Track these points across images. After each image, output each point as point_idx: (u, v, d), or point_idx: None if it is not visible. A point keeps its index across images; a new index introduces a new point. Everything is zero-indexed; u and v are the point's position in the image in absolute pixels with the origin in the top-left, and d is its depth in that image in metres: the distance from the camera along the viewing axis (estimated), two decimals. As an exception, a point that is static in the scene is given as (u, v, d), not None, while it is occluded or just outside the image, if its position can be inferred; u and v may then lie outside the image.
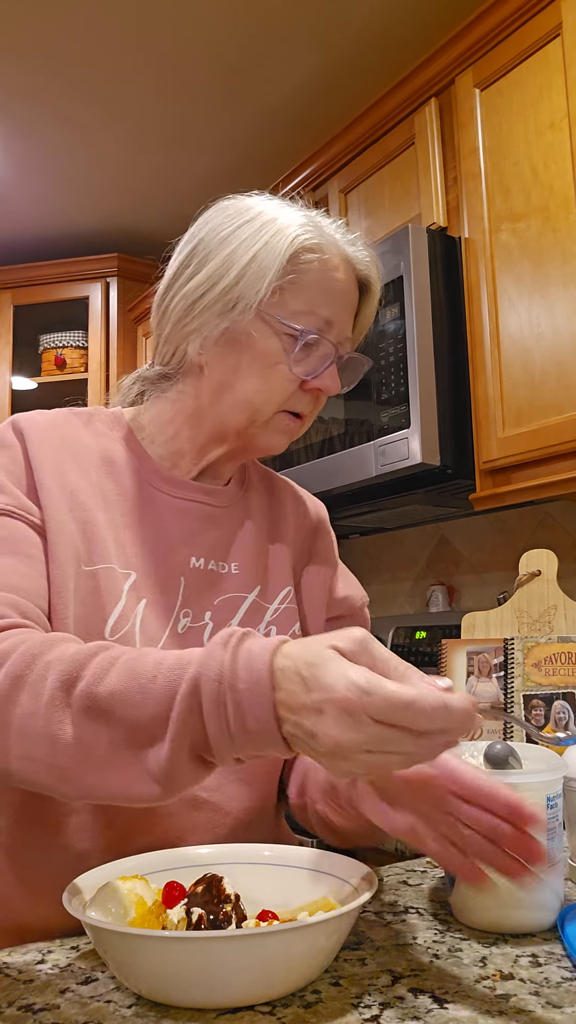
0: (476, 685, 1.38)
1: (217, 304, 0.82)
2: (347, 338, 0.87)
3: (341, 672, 0.52)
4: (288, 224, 0.83)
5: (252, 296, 0.81)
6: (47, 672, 0.62)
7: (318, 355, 0.84)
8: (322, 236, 0.84)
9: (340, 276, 0.84)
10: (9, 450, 0.83)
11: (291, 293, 0.82)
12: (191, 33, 2.10)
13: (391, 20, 2.06)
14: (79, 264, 3.08)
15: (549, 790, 0.72)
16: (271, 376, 0.83)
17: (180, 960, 0.56)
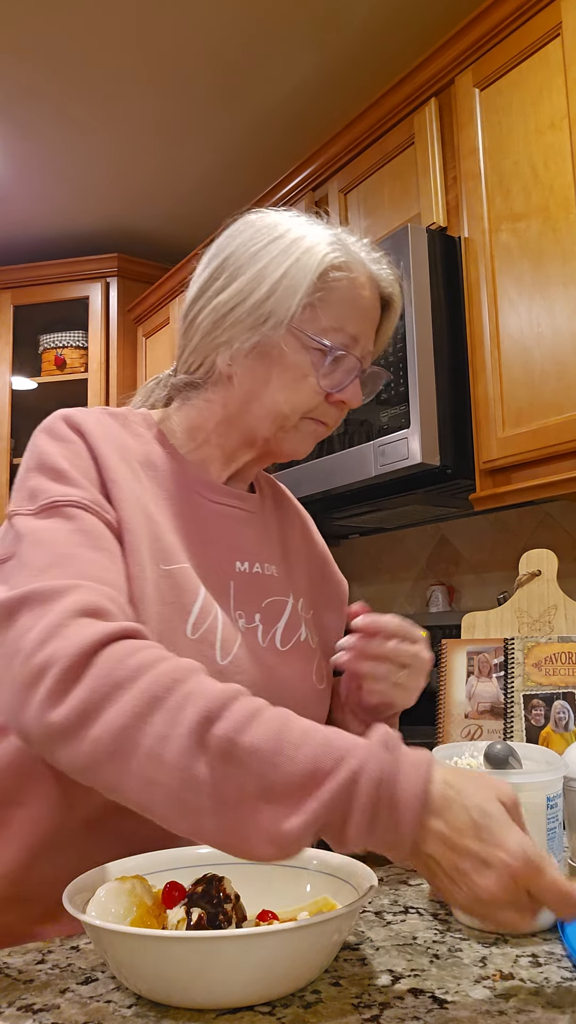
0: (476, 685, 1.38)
1: (248, 318, 0.84)
2: (369, 352, 0.90)
3: (519, 841, 0.56)
4: (317, 242, 0.85)
5: (284, 312, 0.83)
6: (186, 703, 0.61)
7: (343, 369, 0.87)
8: (349, 255, 0.86)
9: (366, 294, 0.87)
10: (72, 444, 0.82)
11: (321, 309, 0.85)
12: (191, 33, 2.10)
13: (390, 20, 2.06)
14: (79, 264, 3.08)
15: (549, 790, 0.72)
16: (300, 388, 0.86)
17: (180, 960, 0.56)
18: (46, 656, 0.64)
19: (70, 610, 0.66)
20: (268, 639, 0.88)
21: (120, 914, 0.63)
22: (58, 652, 0.64)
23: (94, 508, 0.78)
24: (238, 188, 2.69)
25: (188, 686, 0.62)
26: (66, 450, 0.81)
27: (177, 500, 0.87)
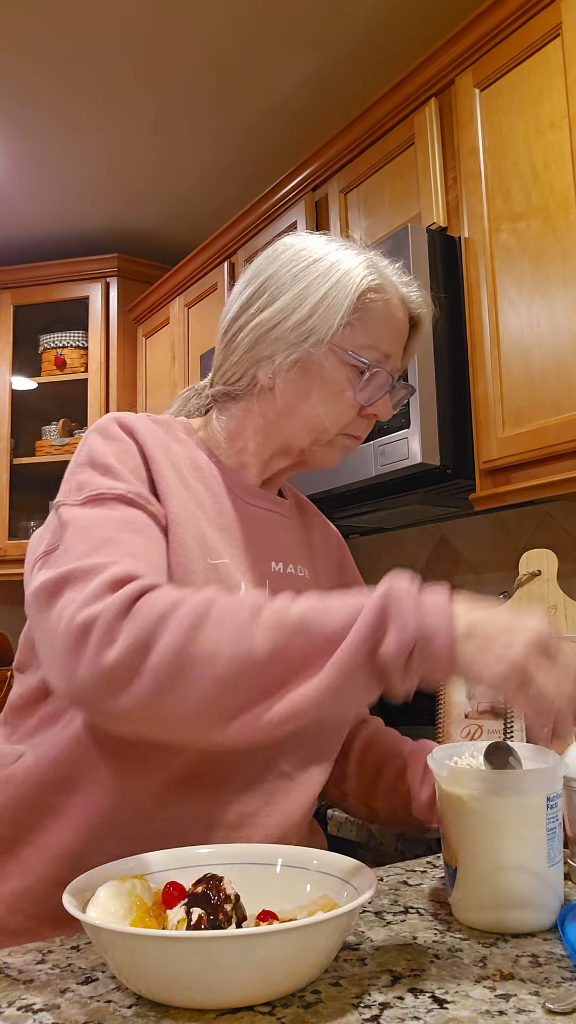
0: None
1: (291, 335, 0.90)
2: (397, 368, 0.97)
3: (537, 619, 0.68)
4: (355, 266, 0.92)
5: (325, 330, 0.90)
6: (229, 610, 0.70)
7: (376, 384, 0.93)
8: (384, 278, 0.93)
9: (399, 315, 0.95)
10: (122, 443, 0.87)
11: (358, 329, 0.91)
12: (190, 34, 2.10)
13: (390, 19, 2.06)
14: (79, 264, 3.08)
15: (549, 790, 0.72)
16: (337, 402, 0.92)
17: (180, 960, 0.56)
18: (88, 615, 0.69)
19: (109, 580, 0.71)
20: None
21: (120, 914, 0.63)
22: (101, 610, 0.69)
23: (139, 501, 0.83)
24: (238, 188, 2.69)
25: (225, 601, 0.70)
26: (116, 448, 0.86)
27: (219, 501, 0.94)
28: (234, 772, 0.85)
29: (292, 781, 0.90)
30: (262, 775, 0.87)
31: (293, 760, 0.90)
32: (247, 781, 0.86)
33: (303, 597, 0.71)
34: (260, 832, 0.86)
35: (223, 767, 0.85)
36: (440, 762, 0.77)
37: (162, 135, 2.53)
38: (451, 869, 0.75)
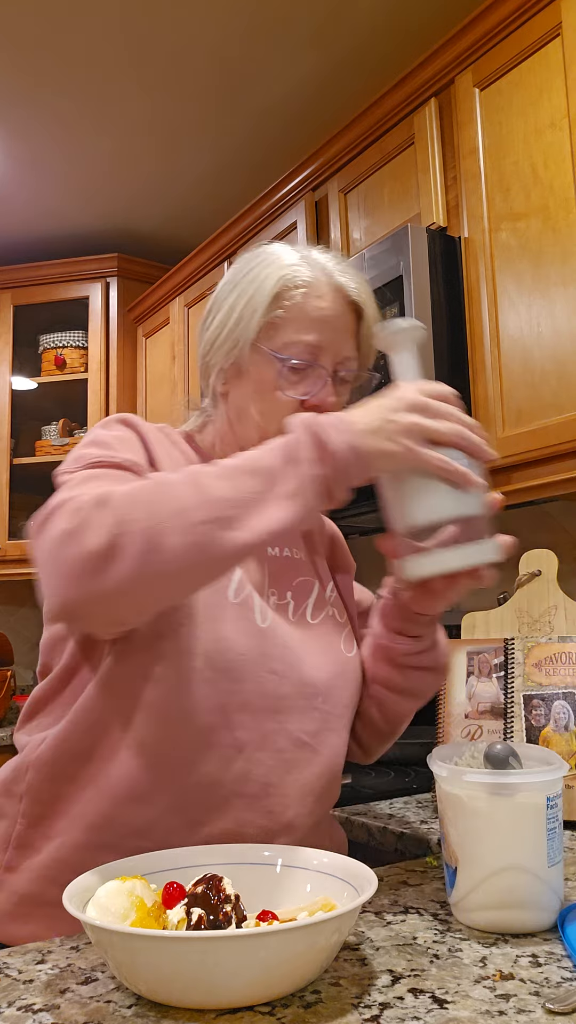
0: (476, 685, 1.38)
1: (226, 343, 0.97)
2: (347, 357, 0.97)
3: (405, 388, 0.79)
4: (278, 267, 0.96)
5: (248, 334, 0.95)
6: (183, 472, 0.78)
7: (312, 377, 0.95)
8: (308, 272, 0.96)
9: (325, 304, 0.95)
10: (125, 431, 0.94)
11: (280, 327, 0.95)
12: (190, 33, 2.10)
13: (390, 19, 2.06)
14: (79, 264, 3.08)
15: (549, 790, 0.72)
16: (272, 400, 0.95)
17: (180, 960, 0.56)
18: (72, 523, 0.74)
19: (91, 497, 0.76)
20: (299, 614, 0.97)
21: (120, 914, 0.63)
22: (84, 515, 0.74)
23: (136, 468, 0.87)
24: (238, 188, 2.69)
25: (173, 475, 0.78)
26: (119, 433, 0.94)
27: None
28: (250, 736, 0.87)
29: (313, 752, 0.91)
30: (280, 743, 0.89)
31: (309, 730, 0.92)
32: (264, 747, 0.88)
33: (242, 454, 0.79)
34: (282, 802, 0.88)
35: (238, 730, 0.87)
36: (440, 762, 0.77)
37: (162, 135, 2.53)
38: (451, 869, 0.75)
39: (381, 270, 1.77)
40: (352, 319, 0.98)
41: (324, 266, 0.97)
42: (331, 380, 0.96)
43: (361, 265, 1.83)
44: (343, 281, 0.97)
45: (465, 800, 0.73)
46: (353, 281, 0.98)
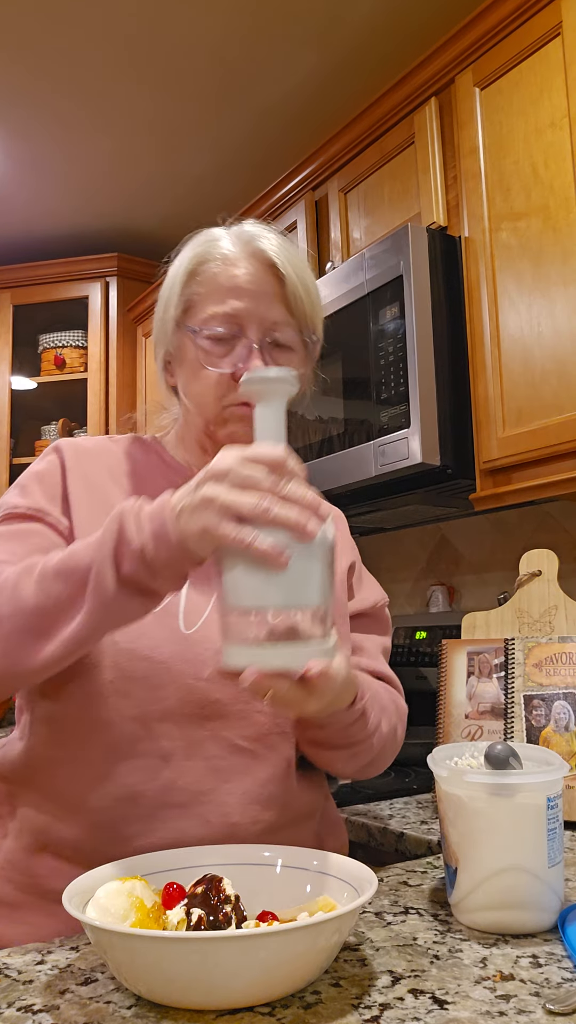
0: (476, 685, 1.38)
1: (161, 332, 0.98)
2: (276, 322, 0.93)
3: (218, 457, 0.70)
4: (196, 244, 0.96)
5: (171, 317, 0.95)
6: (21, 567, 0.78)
7: (240, 348, 0.92)
8: (224, 243, 0.95)
9: (239, 271, 0.93)
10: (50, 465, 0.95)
11: (199, 303, 0.94)
12: (190, 33, 2.10)
13: (390, 18, 2.06)
14: (79, 264, 3.08)
15: (549, 790, 0.72)
16: (203, 378, 0.93)
17: (180, 961, 0.56)
18: None
19: None
20: None
21: (119, 915, 0.63)
22: None
23: (37, 515, 0.91)
24: (237, 187, 2.69)
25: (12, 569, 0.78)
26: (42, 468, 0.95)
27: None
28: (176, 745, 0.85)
29: (252, 758, 0.88)
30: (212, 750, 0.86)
31: (249, 735, 0.88)
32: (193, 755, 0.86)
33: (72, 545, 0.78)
34: (219, 810, 0.85)
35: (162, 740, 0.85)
36: (440, 762, 0.77)
37: (162, 135, 2.53)
38: (451, 869, 0.75)
39: (381, 270, 1.77)
40: (275, 283, 0.93)
41: (241, 234, 0.95)
42: (260, 349, 0.91)
43: (361, 264, 1.83)
44: (261, 245, 0.93)
45: (465, 800, 0.73)
46: (272, 244, 0.94)
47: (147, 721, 0.85)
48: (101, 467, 0.96)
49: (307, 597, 0.67)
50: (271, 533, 0.65)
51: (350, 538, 1.12)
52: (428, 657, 2.13)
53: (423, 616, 2.27)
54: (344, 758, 0.91)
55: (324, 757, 0.91)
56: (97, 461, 0.97)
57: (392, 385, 1.72)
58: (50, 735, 0.88)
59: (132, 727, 0.85)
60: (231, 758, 0.87)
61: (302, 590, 0.66)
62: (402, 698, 1.06)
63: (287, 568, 0.65)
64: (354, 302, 1.84)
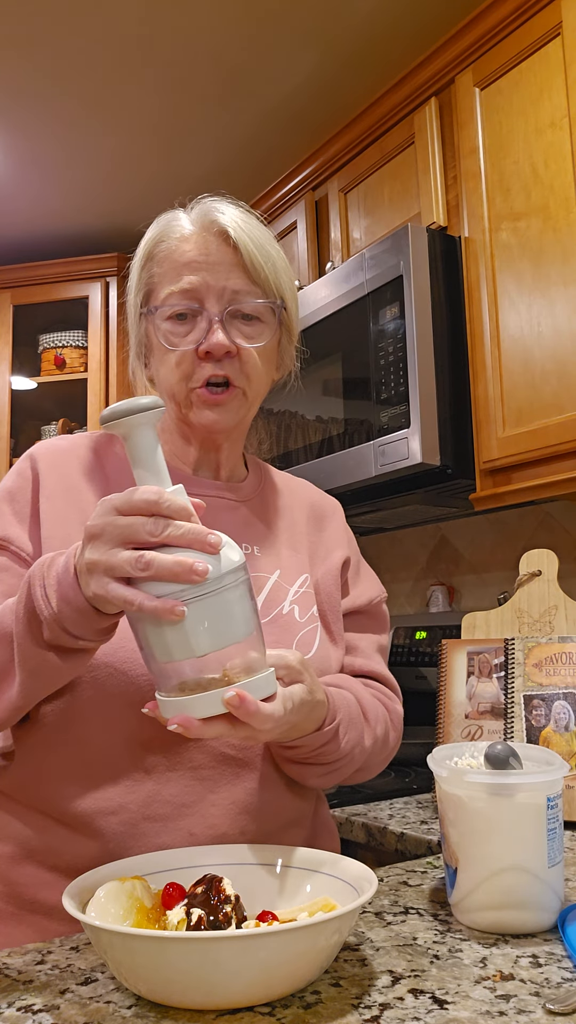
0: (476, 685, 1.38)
1: (131, 322, 0.96)
2: (237, 291, 0.90)
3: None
4: (152, 229, 0.94)
5: (134, 303, 0.94)
6: None
7: (200, 324, 0.90)
8: (176, 223, 0.92)
9: (190, 246, 0.90)
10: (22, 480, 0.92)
11: (158, 285, 0.92)
12: (190, 33, 2.10)
13: (390, 19, 2.06)
14: (79, 264, 3.08)
15: (549, 790, 0.72)
16: (169, 360, 0.91)
17: (179, 961, 0.56)
18: None
19: None
20: None
21: (119, 915, 0.63)
22: None
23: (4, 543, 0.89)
24: (238, 187, 2.68)
25: None
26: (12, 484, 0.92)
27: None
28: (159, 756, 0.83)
29: (241, 766, 0.86)
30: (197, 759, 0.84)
31: (236, 743, 0.86)
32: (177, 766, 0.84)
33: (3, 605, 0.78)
34: (205, 822, 0.83)
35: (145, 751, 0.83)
36: (440, 762, 0.77)
37: (163, 135, 2.53)
38: (451, 869, 0.75)
39: (381, 270, 1.77)
40: (230, 251, 0.90)
41: (195, 210, 0.93)
42: (221, 322, 0.88)
43: (361, 265, 1.83)
44: (212, 217, 0.91)
45: (465, 800, 0.73)
46: (224, 216, 0.91)
47: (128, 735, 0.83)
48: (77, 467, 0.93)
49: (222, 636, 0.64)
50: (161, 585, 0.63)
51: (347, 532, 1.09)
52: (428, 657, 2.13)
53: (423, 616, 2.27)
54: (318, 774, 0.88)
55: (296, 771, 0.89)
56: (73, 461, 0.94)
57: (392, 385, 1.72)
58: (32, 747, 0.87)
59: (113, 741, 0.83)
60: (218, 767, 0.85)
61: (214, 631, 0.64)
62: (398, 700, 1.03)
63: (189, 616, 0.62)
64: (354, 302, 1.84)
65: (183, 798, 0.83)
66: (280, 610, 0.93)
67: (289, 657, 0.76)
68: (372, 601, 1.06)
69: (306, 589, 0.98)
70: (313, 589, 0.99)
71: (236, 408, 0.93)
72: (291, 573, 0.97)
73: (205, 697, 0.65)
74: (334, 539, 1.06)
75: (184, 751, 0.84)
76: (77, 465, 0.93)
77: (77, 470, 0.93)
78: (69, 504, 0.89)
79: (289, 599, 0.95)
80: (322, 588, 1.00)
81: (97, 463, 0.95)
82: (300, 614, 0.95)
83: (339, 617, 1.00)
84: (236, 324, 0.90)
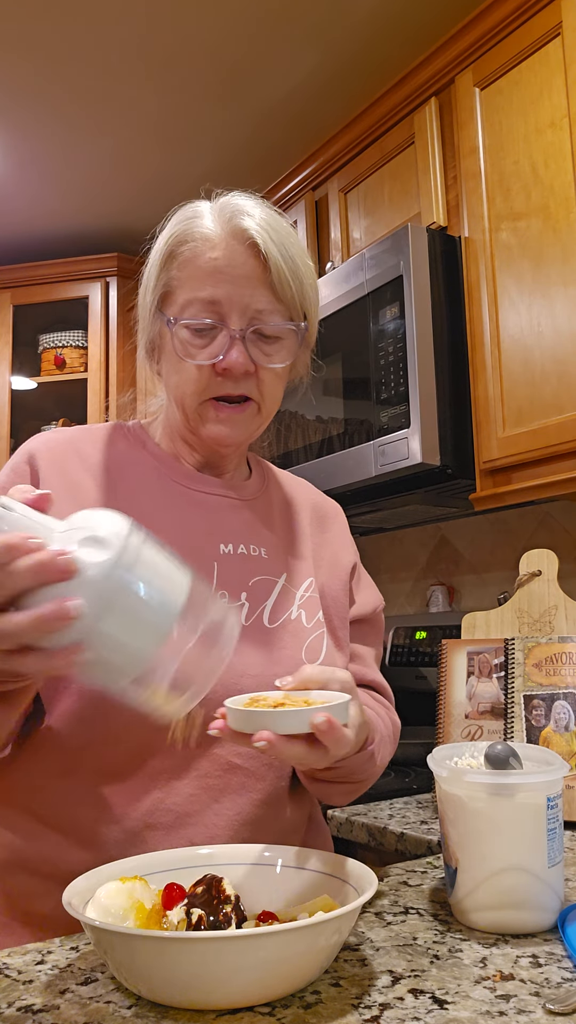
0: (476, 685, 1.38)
1: (142, 316, 0.92)
2: (260, 310, 0.86)
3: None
4: (174, 224, 0.89)
5: (150, 305, 0.90)
6: None
7: (220, 339, 0.86)
8: (203, 222, 0.87)
9: (217, 254, 0.85)
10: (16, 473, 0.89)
11: (178, 288, 0.87)
12: (190, 33, 2.10)
13: (391, 18, 2.06)
14: (79, 264, 3.08)
15: (549, 790, 0.72)
16: (182, 370, 0.88)
17: (179, 961, 0.56)
18: None
19: None
20: (255, 617, 0.90)
21: (119, 915, 0.63)
22: None
23: None
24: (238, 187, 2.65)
25: None
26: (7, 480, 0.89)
27: (157, 492, 0.92)
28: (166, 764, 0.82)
29: (248, 776, 0.85)
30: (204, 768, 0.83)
31: (245, 752, 0.83)
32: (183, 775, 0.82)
33: None
34: (206, 832, 0.82)
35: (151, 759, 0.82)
36: (440, 762, 0.77)
37: (163, 135, 2.53)
38: (451, 869, 0.75)
39: (381, 270, 1.77)
40: (258, 266, 0.85)
41: (223, 210, 0.86)
42: (242, 340, 0.85)
43: (361, 264, 1.83)
44: (242, 224, 0.84)
45: (465, 800, 0.73)
46: (255, 222, 0.85)
47: (135, 741, 0.81)
48: (77, 462, 0.91)
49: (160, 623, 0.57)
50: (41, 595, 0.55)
51: (349, 536, 1.08)
52: (428, 657, 2.13)
53: (423, 616, 2.27)
54: (345, 791, 0.87)
55: (321, 790, 0.87)
56: (73, 456, 0.91)
57: (392, 385, 1.72)
58: (33, 752, 0.85)
59: (118, 747, 0.81)
60: (225, 776, 0.83)
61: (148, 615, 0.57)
62: (394, 709, 1.03)
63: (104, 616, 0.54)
64: (354, 302, 1.84)
65: (187, 807, 0.82)
66: (288, 615, 0.92)
67: (348, 679, 0.74)
68: (376, 610, 1.06)
69: (311, 594, 0.96)
70: (318, 594, 0.97)
71: (248, 423, 0.91)
72: (297, 577, 0.96)
73: (292, 714, 0.64)
74: (340, 543, 1.05)
75: (192, 759, 0.82)
76: (77, 460, 0.91)
77: (78, 465, 0.90)
78: (73, 503, 0.87)
79: (296, 604, 0.94)
80: (329, 593, 0.99)
81: (98, 457, 0.93)
82: (307, 619, 0.94)
83: (346, 623, 0.99)
84: (257, 342, 0.87)
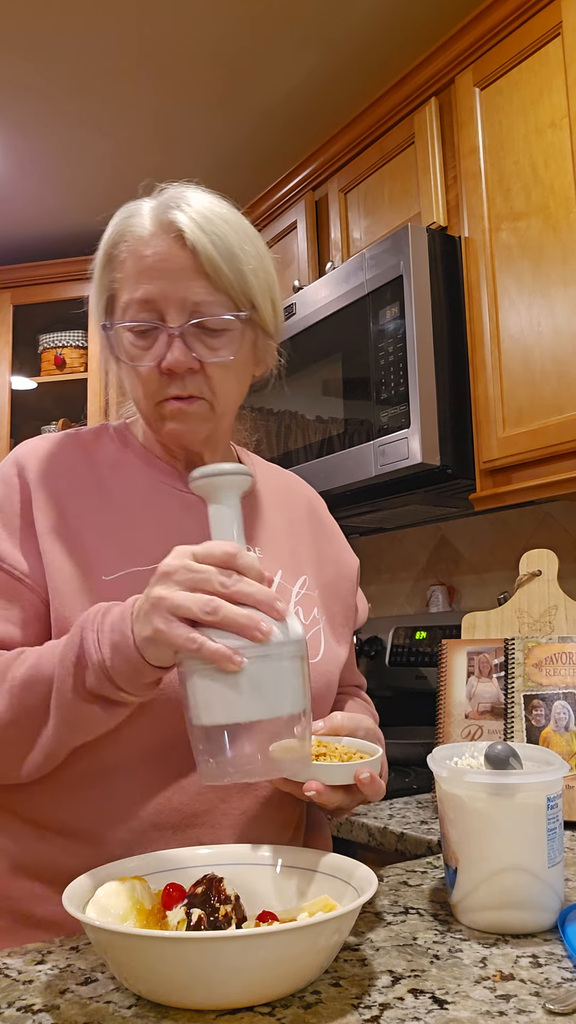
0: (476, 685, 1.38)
1: (94, 325, 0.90)
2: (200, 303, 0.82)
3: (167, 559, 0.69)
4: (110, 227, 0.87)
5: (96, 308, 0.88)
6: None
7: (161, 338, 0.83)
8: (136, 220, 0.84)
9: (149, 251, 0.82)
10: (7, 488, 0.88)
11: (119, 292, 0.86)
12: (190, 32, 2.10)
13: (391, 18, 2.06)
14: (79, 264, 3.07)
15: (549, 790, 0.72)
16: (134, 374, 0.86)
17: (180, 961, 0.56)
18: None
19: None
20: None
21: (119, 915, 0.63)
22: None
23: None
24: (238, 187, 2.67)
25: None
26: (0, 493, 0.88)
27: (148, 498, 0.91)
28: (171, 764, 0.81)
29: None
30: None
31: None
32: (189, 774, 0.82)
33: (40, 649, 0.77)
34: (213, 833, 0.82)
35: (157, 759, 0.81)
36: (440, 762, 0.77)
37: (163, 134, 2.53)
38: (451, 869, 0.75)
39: (381, 270, 1.77)
40: (188, 257, 0.81)
41: (159, 205, 0.84)
42: (180, 336, 0.82)
43: (361, 265, 1.83)
44: (170, 216, 0.82)
45: (465, 800, 0.73)
46: (184, 215, 0.82)
47: (145, 742, 0.80)
48: (66, 471, 0.89)
49: (271, 705, 0.62)
50: (224, 636, 0.62)
51: (342, 535, 1.09)
52: (428, 657, 2.13)
53: (423, 616, 2.27)
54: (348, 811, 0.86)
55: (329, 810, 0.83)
56: (62, 465, 0.90)
57: (392, 385, 1.72)
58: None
59: (129, 749, 0.81)
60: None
61: (265, 697, 0.61)
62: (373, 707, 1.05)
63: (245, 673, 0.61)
64: (354, 302, 1.84)
65: (195, 807, 0.82)
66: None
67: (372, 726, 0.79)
68: (366, 618, 1.07)
69: (306, 591, 0.95)
70: (317, 592, 0.97)
71: (201, 420, 0.88)
72: (291, 574, 0.95)
73: (340, 768, 0.72)
74: (340, 543, 1.06)
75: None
76: (67, 469, 0.89)
77: (67, 475, 0.89)
78: (66, 515, 0.86)
79: (293, 600, 0.93)
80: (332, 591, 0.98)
81: (87, 462, 0.91)
82: (304, 616, 0.93)
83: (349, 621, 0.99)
84: (200, 337, 0.83)
